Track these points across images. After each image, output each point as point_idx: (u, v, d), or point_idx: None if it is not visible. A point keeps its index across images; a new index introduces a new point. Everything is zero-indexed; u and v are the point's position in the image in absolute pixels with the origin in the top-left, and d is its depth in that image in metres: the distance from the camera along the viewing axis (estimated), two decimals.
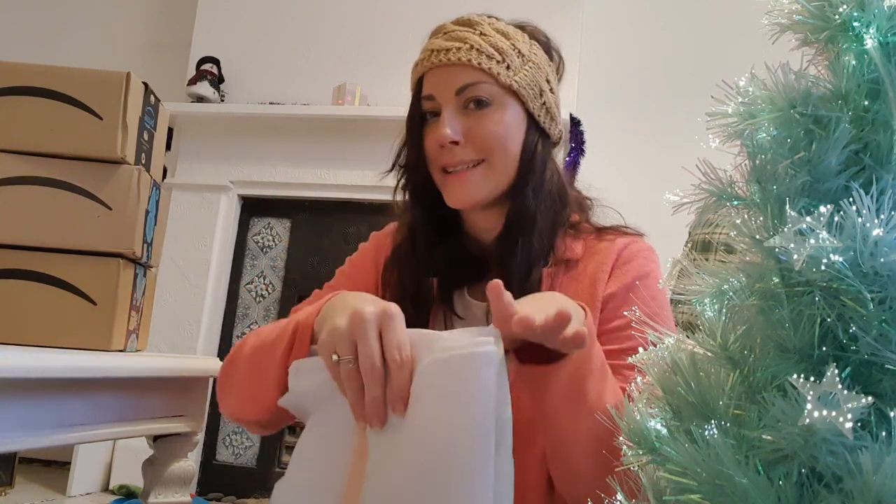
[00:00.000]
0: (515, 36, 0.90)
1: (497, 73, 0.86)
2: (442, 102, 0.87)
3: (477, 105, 0.86)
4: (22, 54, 2.49)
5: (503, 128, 0.87)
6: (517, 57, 0.88)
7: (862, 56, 0.43)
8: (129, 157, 1.07)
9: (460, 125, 0.86)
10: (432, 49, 0.88)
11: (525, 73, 0.88)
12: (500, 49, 0.87)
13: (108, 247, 1.04)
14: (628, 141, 2.88)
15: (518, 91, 0.87)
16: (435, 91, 0.88)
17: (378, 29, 2.98)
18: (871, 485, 0.35)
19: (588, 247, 0.91)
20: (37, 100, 1.04)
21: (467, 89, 0.86)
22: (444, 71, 0.87)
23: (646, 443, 0.47)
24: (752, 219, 0.45)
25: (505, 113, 0.87)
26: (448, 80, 0.87)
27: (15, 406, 0.79)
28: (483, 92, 0.86)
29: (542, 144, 0.90)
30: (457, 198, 0.88)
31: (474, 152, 0.86)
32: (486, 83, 0.86)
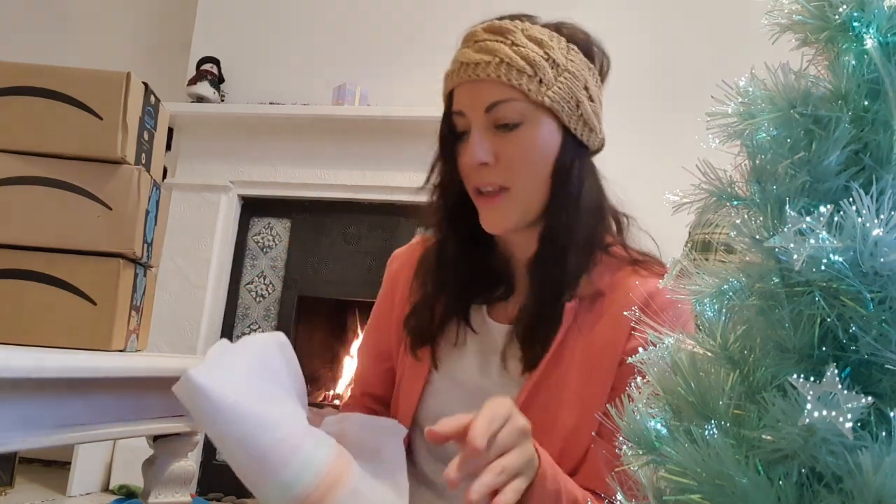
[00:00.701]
0: (550, 43, 0.84)
1: (528, 90, 0.81)
2: (472, 120, 0.83)
3: (504, 127, 0.82)
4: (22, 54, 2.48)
5: (534, 150, 0.83)
6: (551, 69, 0.82)
7: (862, 56, 0.43)
8: (129, 157, 1.07)
9: (490, 145, 0.82)
10: (462, 61, 0.84)
11: (560, 85, 0.82)
12: (532, 62, 0.81)
13: (108, 247, 1.04)
14: (628, 141, 2.88)
15: (551, 107, 0.82)
16: (465, 108, 0.84)
17: (378, 29, 2.98)
18: (871, 485, 0.35)
19: (618, 279, 0.86)
20: (37, 100, 1.04)
21: (497, 107, 0.81)
22: (474, 87, 0.83)
23: (646, 443, 0.47)
24: (752, 219, 0.45)
25: (537, 131, 0.82)
26: (477, 98, 0.82)
27: (15, 406, 0.79)
28: (512, 111, 0.81)
29: (578, 158, 0.86)
30: (489, 222, 0.85)
31: (501, 177, 0.83)
32: (516, 100, 0.81)
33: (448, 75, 0.86)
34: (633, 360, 0.52)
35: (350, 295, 2.95)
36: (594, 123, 0.87)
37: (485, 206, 0.85)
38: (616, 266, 0.88)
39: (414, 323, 0.92)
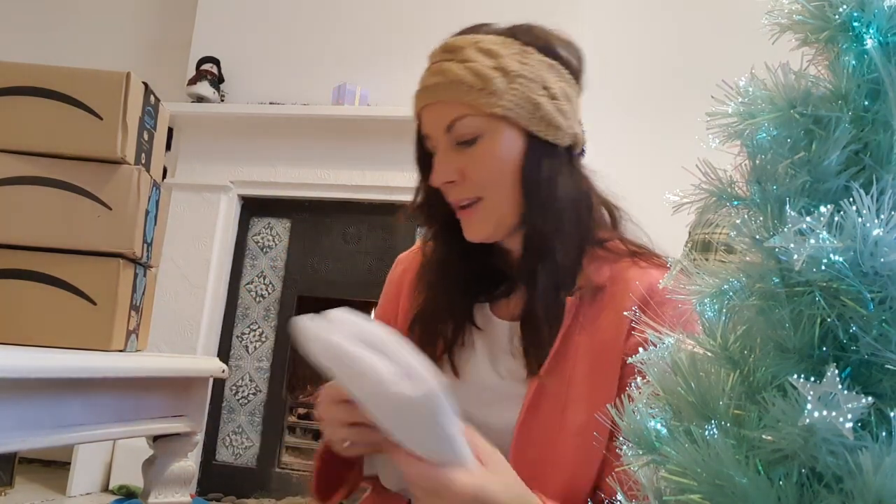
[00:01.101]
0: (502, 51, 0.85)
1: (480, 104, 0.82)
2: (436, 142, 0.86)
3: (465, 143, 0.84)
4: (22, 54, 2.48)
5: (496, 160, 0.84)
6: (502, 78, 0.83)
7: (862, 56, 0.43)
8: (129, 157, 1.07)
9: (455, 163, 0.85)
10: (422, 86, 0.87)
11: (513, 93, 0.83)
12: (480, 75, 0.82)
13: (108, 247, 1.04)
14: (628, 141, 2.88)
15: (506, 115, 0.83)
16: (428, 130, 0.87)
17: (378, 29, 2.98)
18: (871, 485, 0.35)
19: (617, 271, 0.87)
20: (37, 100, 1.04)
21: (454, 126, 0.84)
22: (432, 109, 0.86)
23: (646, 443, 0.47)
24: (752, 219, 0.45)
25: (497, 142, 0.84)
26: (436, 119, 0.85)
27: (15, 406, 0.79)
28: (469, 127, 0.83)
29: (547, 158, 0.85)
30: (470, 234, 0.87)
31: (470, 190, 0.85)
32: (470, 116, 0.83)
33: (413, 99, 0.89)
34: (633, 360, 0.52)
35: (350, 295, 2.95)
36: (559, 121, 0.85)
37: (463, 218, 0.87)
38: (614, 259, 0.88)
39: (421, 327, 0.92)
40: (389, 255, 2.88)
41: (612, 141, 2.83)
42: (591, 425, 0.81)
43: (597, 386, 0.83)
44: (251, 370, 2.97)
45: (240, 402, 2.95)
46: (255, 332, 2.99)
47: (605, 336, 0.84)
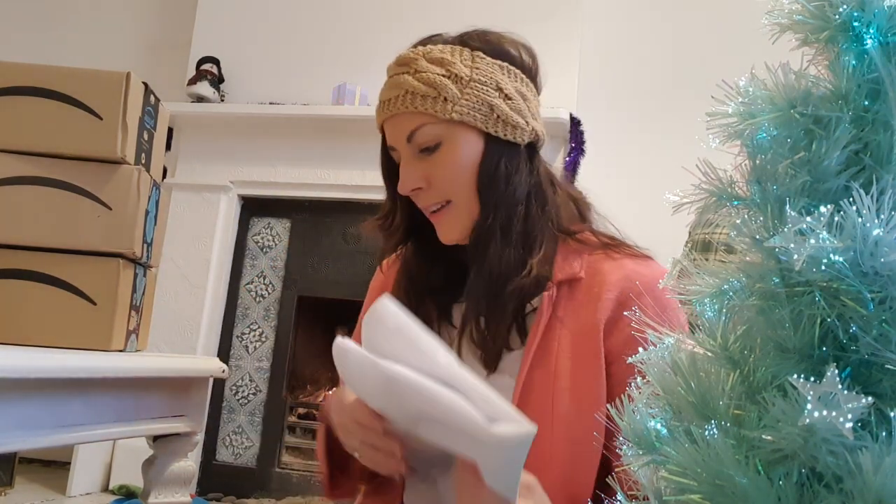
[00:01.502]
0: (452, 59, 0.87)
1: (435, 111, 0.85)
2: (400, 152, 0.89)
3: (426, 150, 0.87)
4: (22, 54, 2.49)
5: (457, 164, 0.87)
6: (454, 84, 0.86)
7: (862, 56, 0.43)
8: (129, 157, 1.07)
9: (420, 170, 0.87)
10: (380, 100, 0.90)
11: (467, 97, 0.86)
12: (433, 84, 0.85)
13: (108, 247, 1.04)
14: (628, 140, 2.88)
15: (462, 120, 0.86)
16: (392, 142, 0.90)
17: (378, 29, 2.98)
18: (872, 485, 0.35)
19: (591, 263, 0.89)
20: (37, 100, 1.04)
21: (414, 135, 0.87)
22: (392, 122, 0.89)
23: (646, 443, 0.47)
24: (752, 219, 0.45)
25: (457, 146, 0.87)
26: (397, 131, 0.88)
27: (15, 406, 0.79)
28: (428, 135, 0.86)
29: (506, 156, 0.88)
30: (444, 236, 0.90)
31: (437, 194, 0.88)
32: (428, 124, 0.86)
33: (375, 115, 0.92)
34: (633, 360, 0.52)
35: (350, 295, 2.94)
36: (516, 120, 0.88)
37: (436, 221, 0.90)
38: (587, 251, 0.90)
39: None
40: None
41: (612, 141, 2.83)
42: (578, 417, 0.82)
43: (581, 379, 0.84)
44: (251, 370, 2.97)
45: (240, 402, 2.95)
46: (255, 332, 2.99)
47: (585, 329, 0.85)
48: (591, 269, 0.88)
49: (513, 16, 2.84)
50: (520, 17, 2.79)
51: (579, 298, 0.87)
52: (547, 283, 0.87)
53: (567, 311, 0.87)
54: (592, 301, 0.86)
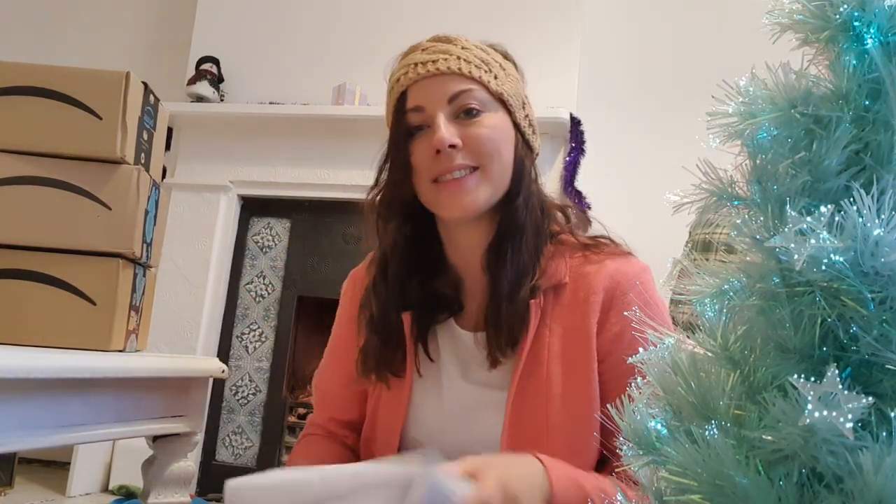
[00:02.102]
0: (491, 52, 0.90)
1: (487, 82, 0.86)
2: (432, 112, 0.85)
3: (468, 114, 0.85)
4: (22, 54, 2.49)
5: (498, 134, 0.86)
6: (500, 69, 0.89)
7: (862, 56, 0.43)
8: (129, 157, 1.07)
9: (456, 131, 0.84)
10: (414, 62, 0.86)
11: (510, 84, 0.89)
12: (484, 60, 0.87)
13: (108, 247, 1.04)
14: (628, 140, 2.88)
15: (507, 101, 0.87)
16: (423, 102, 0.86)
17: (378, 29, 2.98)
18: (872, 485, 0.35)
19: (573, 267, 0.89)
20: (37, 100, 1.04)
21: (460, 97, 0.85)
22: (432, 81, 0.85)
23: (646, 443, 0.47)
24: (753, 219, 0.45)
25: (497, 120, 0.87)
26: (438, 90, 0.85)
27: (15, 406, 0.79)
28: (474, 100, 0.85)
29: (528, 157, 0.90)
30: (455, 206, 0.85)
31: (471, 157, 0.84)
32: (477, 90, 0.85)
33: (398, 79, 0.88)
34: (633, 360, 0.52)
35: None
36: (536, 128, 0.92)
37: (451, 190, 0.85)
38: (569, 254, 0.90)
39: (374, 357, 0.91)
40: None
41: (612, 141, 2.83)
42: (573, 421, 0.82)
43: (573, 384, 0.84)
44: (251, 370, 2.97)
45: (240, 402, 2.95)
46: (254, 332, 2.98)
47: (575, 333, 0.85)
48: (575, 274, 0.88)
49: (513, 16, 2.84)
50: (520, 17, 2.79)
51: (565, 303, 0.87)
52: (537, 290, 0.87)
53: (554, 317, 0.87)
54: (580, 305, 0.86)
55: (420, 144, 0.86)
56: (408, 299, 0.91)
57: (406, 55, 0.90)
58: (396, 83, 0.89)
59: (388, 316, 0.90)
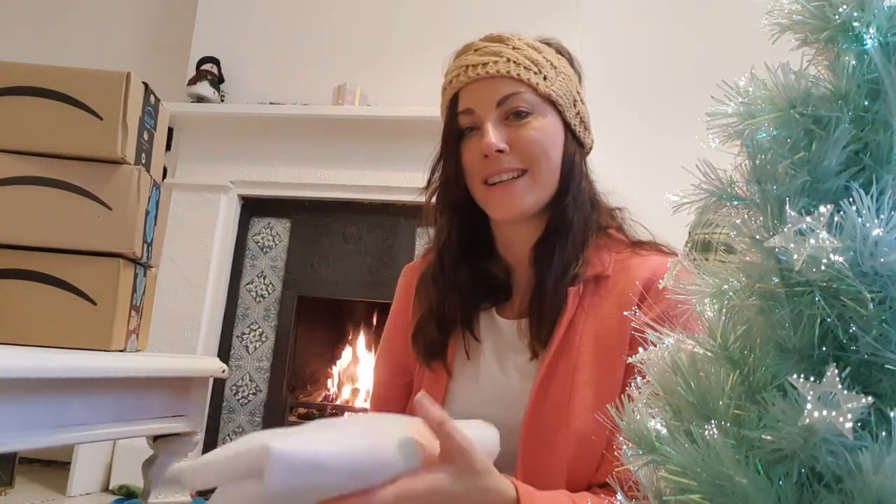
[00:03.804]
0: (544, 49, 0.91)
1: (536, 84, 0.87)
2: (482, 115, 0.87)
3: (517, 116, 0.87)
4: (22, 54, 2.48)
5: (546, 135, 0.87)
6: (551, 69, 0.89)
7: (862, 56, 0.43)
8: (129, 157, 1.07)
9: (504, 135, 0.86)
10: (466, 65, 0.88)
11: (560, 83, 0.90)
12: (535, 61, 0.88)
13: (108, 247, 1.04)
14: (628, 140, 2.88)
15: (556, 101, 0.88)
16: (474, 105, 0.88)
17: (378, 29, 2.98)
18: (871, 485, 0.35)
19: (619, 261, 0.90)
20: (37, 100, 1.04)
21: (508, 100, 0.86)
22: (482, 84, 0.87)
23: (646, 443, 0.47)
24: (752, 219, 0.45)
25: (545, 122, 0.88)
26: (487, 93, 0.87)
27: (15, 406, 0.79)
28: (523, 102, 0.87)
29: (578, 154, 0.91)
30: (503, 208, 0.88)
31: (519, 160, 0.87)
32: (525, 93, 0.87)
33: (451, 80, 0.91)
34: (633, 360, 0.53)
35: (350, 295, 2.94)
36: (588, 123, 0.94)
37: (500, 193, 0.88)
38: (616, 248, 0.92)
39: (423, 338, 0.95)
40: (389, 256, 2.88)
41: (612, 140, 2.83)
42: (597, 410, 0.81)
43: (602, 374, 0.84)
44: (251, 370, 2.97)
45: (240, 402, 2.95)
46: (255, 332, 2.98)
47: (610, 324, 0.86)
48: (619, 267, 0.90)
49: (513, 15, 2.84)
50: (520, 17, 2.79)
51: (604, 294, 0.88)
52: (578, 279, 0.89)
53: (592, 307, 0.88)
54: (619, 297, 0.87)
55: (470, 146, 0.89)
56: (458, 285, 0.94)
57: (459, 55, 0.92)
58: (449, 85, 0.91)
59: (443, 304, 0.93)
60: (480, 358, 0.93)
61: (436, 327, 0.93)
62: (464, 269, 0.94)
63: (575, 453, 0.82)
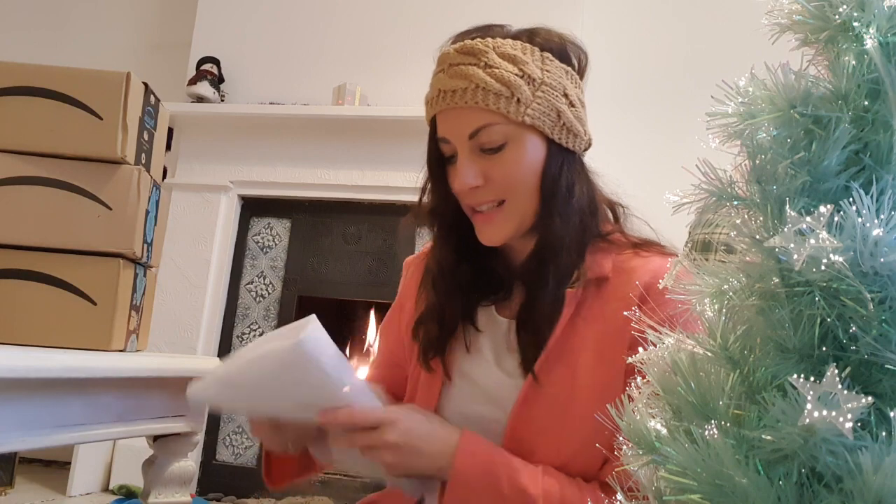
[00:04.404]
0: (524, 57, 0.84)
1: (508, 112, 0.82)
2: (457, 146, 0.85)
3: (491, 150, 0.84)
4: (22, 54, 2.48)
5: (521, 166, 0.84)
6: (528, 86, 0.83)
7: (862, 56, 0.43)
8: (129, 157, 1.07)
9: (478, 167, 0.84)
10: (440, 88, 0.85)
11: (538, 101, 0.83)
12: (508, 83, 0.82)
13: (108, 247, 1.04)
14: (628, 140, 2.88)
15: (533, 124, 0.83)
16: (448, 135, 0.86)
17: (378, 29, 2.98)
18: (871, 485, 0.35)
19: (619, 262, 0.88)
20: (37, 100, 1.04)
21: (479, 133, 0.83)
22: (454, 114, 0.84)
23: (646, 443, 0.47)
24: (752, 219, 0.45)
25: (522, 149, 0.84)
26: (459, 124, 0.84)
27: (15, 406, 0.79)
28: (496, 134, 0.83)
29: (566, 163, 0.87)
30: (487, 237, 0.88)
31: (494, 193, 0.85)
32: (497, 124, 0.83)
33: (428, 101, 0.88)
34: (633, 360, 0.52)
35: (350, 295, 2.94)
36: (578, 128, 0.88)
37: (481, 222, 0.87)
38: (616, 251, 0.90)
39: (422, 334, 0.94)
40: (389, 256, 2.88)
41: (612, 141, 2.83)
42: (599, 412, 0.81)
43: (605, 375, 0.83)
44: None
45: None
46: (255, 333, 2.98)
47: (611, 326, 0.84)
48: (620, 269, 0.88)
49: (513, 15, 2.84)
50: (520, 17, 2.79)
51: (606, 297, 0.87)
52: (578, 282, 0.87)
53: (593, 310, 0.86)
54: (620, 299, 0.85)
55: (452, 175, 0.88)
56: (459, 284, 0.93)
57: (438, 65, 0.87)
58: (428, 105, 0.89)
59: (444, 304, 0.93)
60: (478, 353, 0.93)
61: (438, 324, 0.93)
62: (464, 266, 0.93)
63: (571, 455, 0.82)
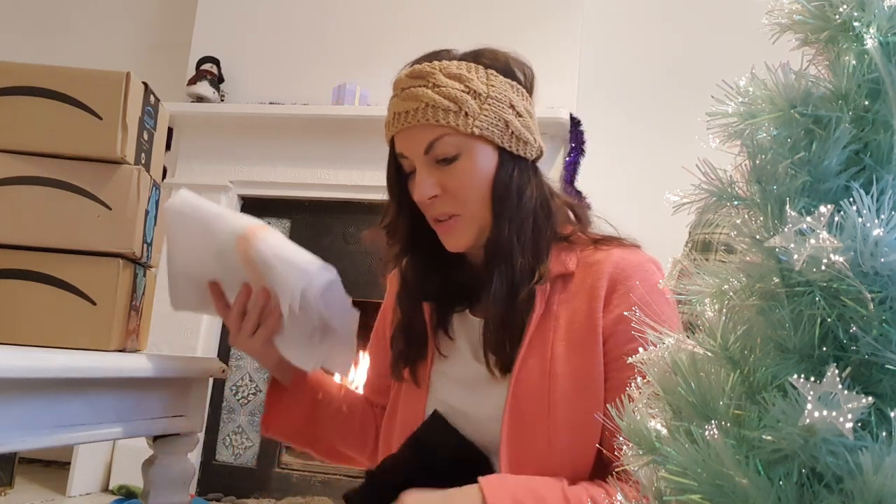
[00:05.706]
0: (469, 75, 0.90)
1: (457, 125, 0.88)
2: (414, 161, 0.91)
3: (446, 160, 0.90)
4: (22, 54, 2.48)
5: (475, 174, 0.90)
6: (474, 100, 0.89)
7: (862, 56, 0.43)
8: (129, 157, 1.07)
9: (435, 178, 0.90)
10: (394, 112, 0.92)
11: (486, 113, 0.89)
12: (454, 98, 0.88)
13: (108, 247, 1.04)
14: (628, 140, 2.88)
15: (482, 135, 0.89)
16: (406, 152, 0.92)
17: (378, 29, 2.98)
18: (871, 485, 0.35)
19: (582, 258, 0.93)
20: (37, 100, 1.04)
21: (433, 147, 0.89)
22: (408, 133, 0.91)
23: (646, 443, 0.47)
24: (753, 219, 0.45)
25: (474, 158, 0.90)
26: (414, 142, 0.90)
27: (15, 406, 0.79)
28: (448, 146, 0.89)
29: (518, 170, 0.92)
30: (450, 244, 0.93)
31: (450, 205, 0.91)
32: (448, 136, 0.88)
33: (386, 124, 0.95)
34: (633, 359, 0.53)
35: (350, 295, 2.94)
36: (527, 136, 0.93)
37: (442, 231, 0.93)
38: (579, 249, 0.95)
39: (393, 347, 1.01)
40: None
41: (612, 141, 2.83)
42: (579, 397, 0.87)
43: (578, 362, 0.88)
44: (251, 370, 2.97)
45: (240, 402, 2.95)
46: None
47: (580, 315, 0.89)
48: (584, 263, 0.93)
49: (512, 15, 2.84)
50: (520, 17, 2.79)
51: (573, 290, 0.92)
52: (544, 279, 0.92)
53: (561, 303, 0.92)
54: (587, 291, 0.91)
55: (412, 187, 0.93)
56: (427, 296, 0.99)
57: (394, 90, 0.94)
58: (386, 127, 0.95)
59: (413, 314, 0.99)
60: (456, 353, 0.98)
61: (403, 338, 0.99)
62: (433, 276, 0.98)
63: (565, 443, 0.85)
